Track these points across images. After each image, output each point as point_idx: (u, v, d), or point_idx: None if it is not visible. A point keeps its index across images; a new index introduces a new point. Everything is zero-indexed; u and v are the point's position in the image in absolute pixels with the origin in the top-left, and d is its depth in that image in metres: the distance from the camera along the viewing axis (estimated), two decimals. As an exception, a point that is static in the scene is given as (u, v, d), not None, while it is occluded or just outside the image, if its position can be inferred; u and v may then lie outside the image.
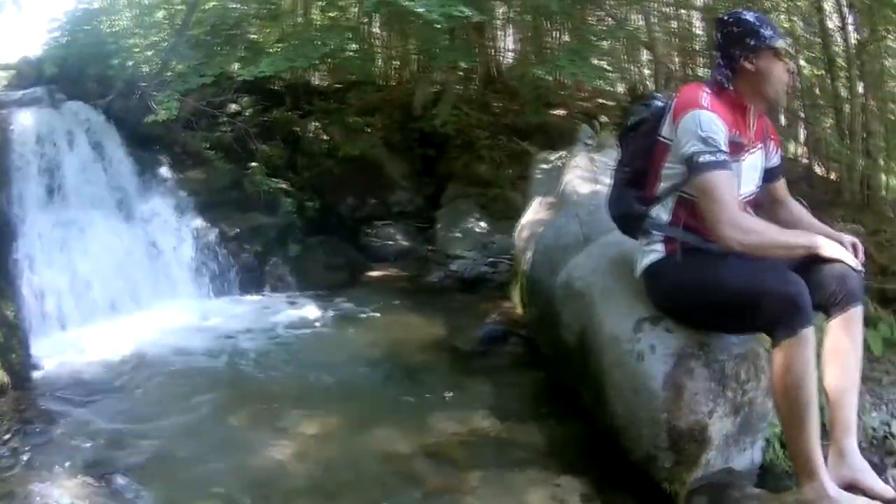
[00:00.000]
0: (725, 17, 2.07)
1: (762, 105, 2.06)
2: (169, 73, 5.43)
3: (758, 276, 1.81)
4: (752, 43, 1.97)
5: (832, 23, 8.17)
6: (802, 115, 9.75)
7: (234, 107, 5.89)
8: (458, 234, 5.28)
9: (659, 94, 2.31)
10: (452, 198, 5.92)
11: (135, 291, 4.06)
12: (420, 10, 4.03)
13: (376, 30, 8.49)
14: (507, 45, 10.59)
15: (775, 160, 2.18)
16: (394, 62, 8.71)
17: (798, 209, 2.20)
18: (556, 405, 2.45)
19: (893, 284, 6.12)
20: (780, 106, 2.17)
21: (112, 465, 2.13)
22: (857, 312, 1.89)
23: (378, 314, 3.55)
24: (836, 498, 1.70)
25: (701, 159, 1.84)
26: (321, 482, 2.00)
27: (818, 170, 10.08)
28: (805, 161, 10.43)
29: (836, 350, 1.85)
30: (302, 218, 5.21)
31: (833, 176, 8.83)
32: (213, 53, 5.67)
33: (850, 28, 7.97)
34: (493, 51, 9.55)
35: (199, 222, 4.66)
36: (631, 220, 2.18)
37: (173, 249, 4.43)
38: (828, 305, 1.88)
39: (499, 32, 10.03)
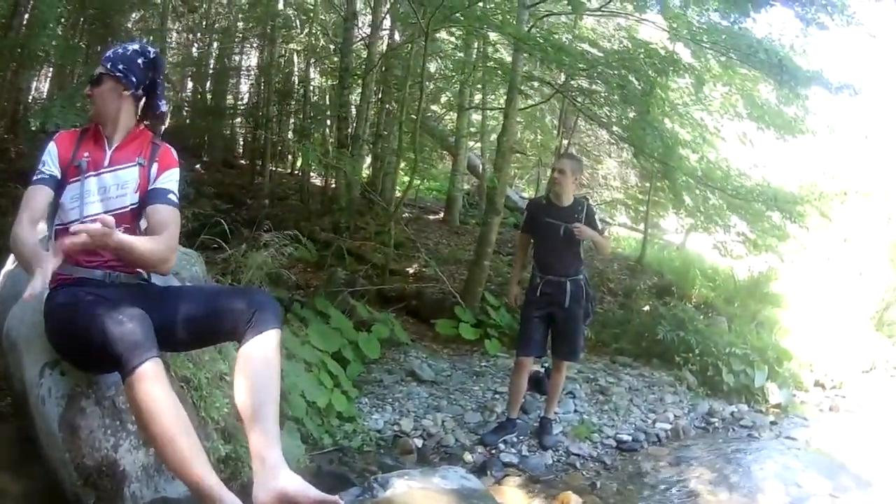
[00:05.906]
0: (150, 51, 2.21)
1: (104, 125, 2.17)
2: None
3: (101, 317, 1.80)
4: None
5: (362, 32, 8.51)
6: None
7: None
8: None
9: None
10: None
11: None
12: None
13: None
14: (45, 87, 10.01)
15: (158, 184, 2.14)
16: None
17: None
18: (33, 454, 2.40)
19: (391, 284, 6.37)
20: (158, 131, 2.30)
21: None
22: (268, 334, 1.95)
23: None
24: None
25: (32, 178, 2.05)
26: None
27: (316, 181, 10.58)
28: (298, 174, 10.78)
29: (244, 370, 1.92)
30: None
31: (333, 184, 9.08)
32: None
33: (383, 34, 8.27)
34: (24, 95, 9.01)
35: None
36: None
37: None
38: (238, 331, 1.96)
39: (36, 75, 9.63)
